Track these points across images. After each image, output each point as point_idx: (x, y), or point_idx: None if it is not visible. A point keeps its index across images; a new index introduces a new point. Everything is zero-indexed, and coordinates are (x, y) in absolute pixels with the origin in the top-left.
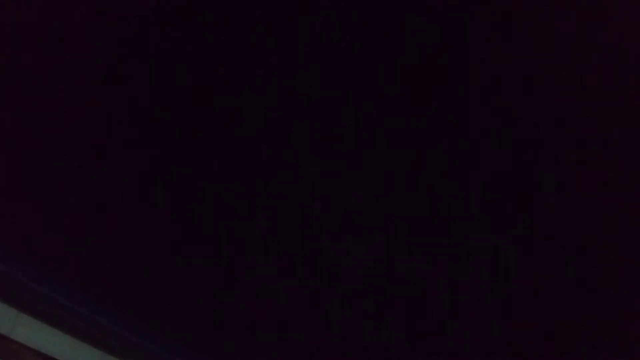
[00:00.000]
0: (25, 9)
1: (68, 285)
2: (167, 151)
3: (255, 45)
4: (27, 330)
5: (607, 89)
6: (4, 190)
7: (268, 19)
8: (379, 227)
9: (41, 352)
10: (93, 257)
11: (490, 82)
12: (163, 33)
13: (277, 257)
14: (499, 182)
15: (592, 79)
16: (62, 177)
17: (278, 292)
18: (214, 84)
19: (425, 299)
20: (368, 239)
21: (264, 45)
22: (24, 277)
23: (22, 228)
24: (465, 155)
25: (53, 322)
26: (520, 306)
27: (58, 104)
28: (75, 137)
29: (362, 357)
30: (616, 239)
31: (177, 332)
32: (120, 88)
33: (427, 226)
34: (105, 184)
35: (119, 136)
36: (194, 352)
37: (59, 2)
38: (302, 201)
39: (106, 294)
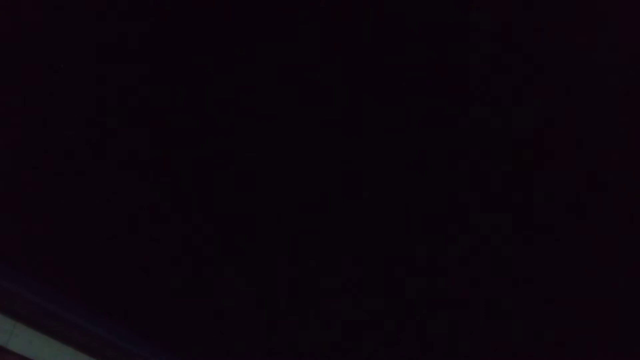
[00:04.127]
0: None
1: (64, 297)
2: (167, 154)
3: (255, 45)
4: (24, 341)
5: (607, 88)
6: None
7: (268, 18)
8: (381, 226)
9: None
10: (89, 268)
11: (490, 82)
12: (164, 33)
13: (275, 264)
14: (498, 182)
15: (593, 79)
16: (58, 190)
17: (275, 302)
18: (214, 83)
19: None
20: (369, 238)
21: (264, 45)
22: (21, 289)
23: (18, 240)
24: (465, 155)
25: (49, 332)
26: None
27: (57, 107)
28: (74, 144)
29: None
30: (615, 239)
31: (173, 342)
32: (120, 88)
33: (427, 227)
34: (102, 196)
35: (118, 140)
36: None
37: (60, 2)
38: (302, 202)
39: (102, 305)
